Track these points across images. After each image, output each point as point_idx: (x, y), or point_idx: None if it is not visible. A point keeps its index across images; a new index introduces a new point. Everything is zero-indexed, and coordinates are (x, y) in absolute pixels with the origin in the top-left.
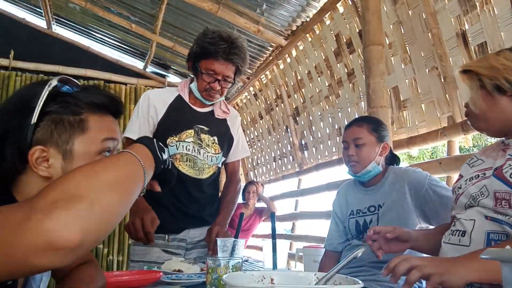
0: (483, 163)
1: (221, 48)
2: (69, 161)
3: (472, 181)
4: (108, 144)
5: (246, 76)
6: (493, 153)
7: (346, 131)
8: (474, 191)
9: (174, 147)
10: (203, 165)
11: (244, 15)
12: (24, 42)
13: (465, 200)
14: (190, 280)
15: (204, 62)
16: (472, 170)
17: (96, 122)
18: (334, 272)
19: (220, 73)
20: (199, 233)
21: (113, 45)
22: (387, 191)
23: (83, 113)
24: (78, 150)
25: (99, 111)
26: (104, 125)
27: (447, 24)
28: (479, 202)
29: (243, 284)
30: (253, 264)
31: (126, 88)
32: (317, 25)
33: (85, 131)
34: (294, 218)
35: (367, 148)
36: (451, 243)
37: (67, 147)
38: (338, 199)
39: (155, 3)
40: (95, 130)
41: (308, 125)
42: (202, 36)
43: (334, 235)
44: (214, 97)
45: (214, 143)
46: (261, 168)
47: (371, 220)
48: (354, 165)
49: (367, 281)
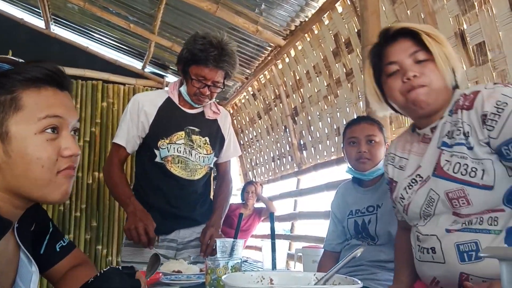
0: (408, 161)
1: (211, 55)
2: (8, 143)
3: (413, 188)
4: (49, 122)
5: (245, 76)
6: (414, 148)
7: (354, 127)
8: (422, 200)
9: (165, 149)
10: (195, 166)
11: (243, 15)
12: (22, 42)
13: (417, 210)
14: (189, 280)
15: (194, 68)
16: (404, 173)
17: (32, 98)
18: (333, 272)
19: (210, 79)
20: (189, 233)
21: (111, 45)
22: (386, 190)
23: (15, 90)
24: (15, 131)
25: (34, 86)
26: (42, 101)
27: (445, 23)
28: (436, 210)
29: (242, 285)
30: (252, 264)
31: (124, 88)
32: (315, 25)
33: (18, 110)
34: (293, 218)
35: (379, 146)
36: (426, 260)
37: (2, 130)
38: (336, 200)
39: (153, 3)
40: (31, 108)
41: (306, 125)
42: (193, 41)
43: (332, 236)
44: (204, 102)
45: (206, 144)
46: (260, 168)
47: (370, 220)
48: (365, 162)
49: (366, 280)
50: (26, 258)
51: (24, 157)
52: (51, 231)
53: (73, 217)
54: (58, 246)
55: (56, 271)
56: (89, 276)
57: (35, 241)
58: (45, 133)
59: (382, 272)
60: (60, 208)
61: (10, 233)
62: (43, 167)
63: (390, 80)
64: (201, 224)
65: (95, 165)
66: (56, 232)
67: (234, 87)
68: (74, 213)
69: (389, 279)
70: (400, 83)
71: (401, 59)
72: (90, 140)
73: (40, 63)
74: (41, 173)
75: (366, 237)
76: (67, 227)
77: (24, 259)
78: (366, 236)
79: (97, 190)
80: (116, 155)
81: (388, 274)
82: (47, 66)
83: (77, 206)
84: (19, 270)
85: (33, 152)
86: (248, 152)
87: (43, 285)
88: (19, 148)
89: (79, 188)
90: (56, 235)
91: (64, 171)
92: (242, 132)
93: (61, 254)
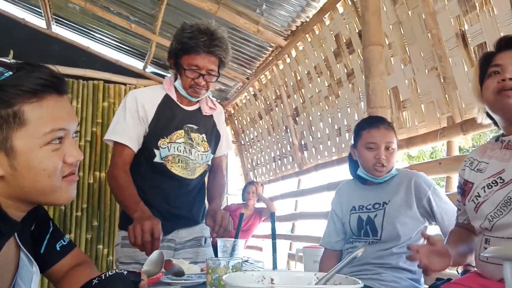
0: (488, 165)
1: (201, 41)
2: (13, 157)
3: (492, 189)
4: (54, 135)
5: (246, 76)
6: (495, 154)
7: (373, 131)
8: (499, 200)
9: (165, 149)
10: (194, 165)
11: (244, 15)
12: (24, 42)
13: (489, 209)
14: (190, 280)
15: (186, 58)
16: (483, 175)
17: (35, 112)
18: (334, 272)
19: (203, 68)
20: (188, 233)
21: (112, 45)
22: (394, 189)
23: (15, 103)
24: (20, 146)
25: (35, 97)
26: (45, 115)
27: (446, 24)
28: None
29: (243, 285)
30: (253, 264)
31: (125, 88)
32: (316, 26)
33: (23, 125)
34: (293, 219)
35: (395, 152)
36: (495, 263)
37: (7, 145)
38: (338, 197)
39: (154, 3)
40: (36, 123)
41: (307, 125)
42: (181, 31)
43: (331, 233)
44: (200, 93)
45: (203, 141)
46: (261, 169)
47: (376, 215)
48: (382, 170)
49: (371, 280)
50: (26, 258)
51: (31, 170)
52: (51, 230)
53: (74, 217)
54: (58, 246)
55: (57, 270)
56: (90, 275)
57: (35, 241)
58: (50, 145)
59: (388, 272)
60: (61, 207)
61: None
62: (49, 177)
63: (489, 80)
64: (198, 224)
65: (96, 165)
66: (56, 231)
67: (235, 87)
68: (75, 213)
69: (395, 280)
70: (495, 83)
71: (504, 63)
72: (91, 140)
73: (35, 71)
74: (48, 183)
75: (369, 232)
76: (68, 227)
77: (25, 259)
78: (369, 232)
79: (98, 189)
80: (119, 156)
81: (393, 275)
82: (43, 75)
83: (78, 205)
84: (20, 270)
85: (39, 165)
86: (249, 152)
87: (44, 284)
88: (25, 162)
89: (80, 188)
90: (56, 235)
91: (68, 176)
92: (243, 132)
93: (61, 254)
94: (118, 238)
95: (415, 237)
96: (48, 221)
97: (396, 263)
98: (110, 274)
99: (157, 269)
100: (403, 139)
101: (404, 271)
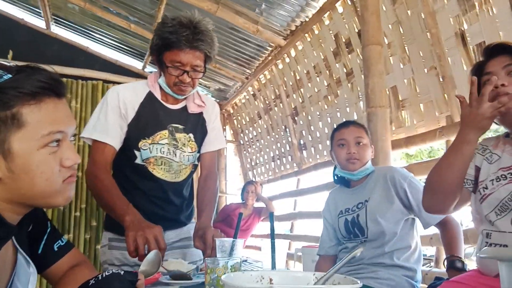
0: (499, 159)
1: (183, 36)
2: (11, 160)
3: (501, 182)
4: (52, 138)
5: (245, 76)
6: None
7: (343, 130)
8: (506, 193)
9: (147, 150)
10: (179, 167)
11: (243, 15)
12: (23, 43)
13: (496, 202)
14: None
15: (168, 54)
16: (493, 167)
17: (33, 114)
18: (332, 272)
19: (187, 64)
20: (175, 235)
21: (112, 45)
22: (372, 187)
23: (14, 105)
24: (18, 149)
25: (33, 100)
26: (44, 117)
27: (445, 24)
28: None
29: (241, 284)
30: (252, 264)
31: None
32: (316, 25)
33: (21, 127)
34: (292, 218)
35: (366, 148)
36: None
37: (4, 147)
38: (327, 205)
39: (154, 3)
40: (34, 125)
41: (307, 125)
42: (161, 25)
43: (325, 240)
44: (186, 91)
45: (191, 141)
46: (260, 168)
47: (359, 215)
48: (355, 162)
49: (367, 278)
50: (24, 259)
51: (28, 172)
52: (49, 231)
53: (72, 217)
54: (56, 246)
55: (55, 271)
56: (88, 276)
57: (32, 241)
58: (48, 147)
59: (383, 270)
60: (59, 208)
61: None
62: (47, 180)
63: (483, 88)
64: (187, 225)
65: None
66: (54, 231)
67: (234, 87)
68: (73, 213)
69: (390, 277)
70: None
71: (495, 70)
72: None
73: (35, 74)
74: (46, 186)
75: (358, 233)
76: (66, 227)
77: (22, 260)
78: (358, 233)
79: None
80: (100, 153)
81: (388, 273)
82: (43, 77)
83: (77, 206)
84: (17, 271)
85: (36, 168)
86: (248, 152)
87: (43, 285)
88: (22, 165)
89: (79, 188)
90: (54, 235)
91: (67, 179)
92: (242, 132)
93: (59, 254)
94: (104, 240)
95: (401, 232)
96: (45, 222)
97: (390, 261)
98: (107, 274)
99: (154, 269)
100: (402, 138)
101: (400, 268)
